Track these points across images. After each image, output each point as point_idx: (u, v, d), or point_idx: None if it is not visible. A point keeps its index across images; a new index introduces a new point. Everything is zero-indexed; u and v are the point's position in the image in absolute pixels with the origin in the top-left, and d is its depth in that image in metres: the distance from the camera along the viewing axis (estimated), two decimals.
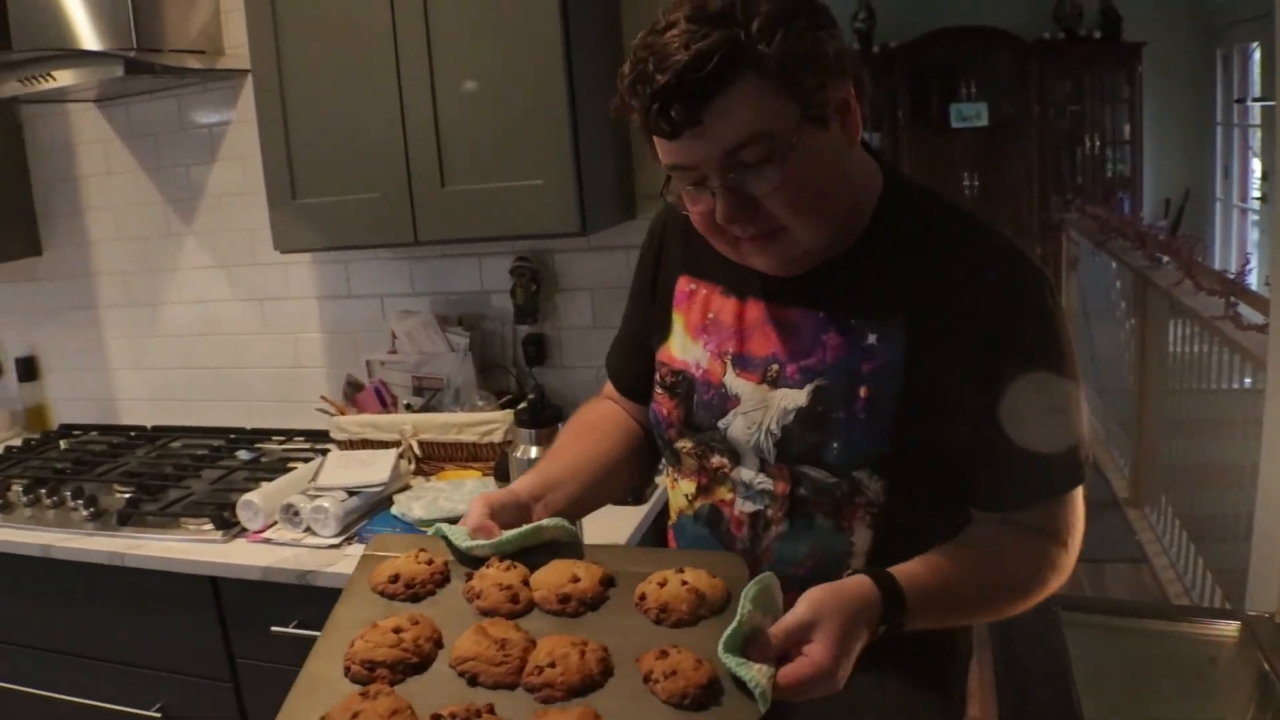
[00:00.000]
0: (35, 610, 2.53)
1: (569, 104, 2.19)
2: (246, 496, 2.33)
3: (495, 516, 1.42)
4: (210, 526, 2.37)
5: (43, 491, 2.66)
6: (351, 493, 2.29)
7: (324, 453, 2.70)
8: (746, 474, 1.46)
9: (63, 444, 3.22)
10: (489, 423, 2.48)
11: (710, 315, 1.50)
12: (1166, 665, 2.43)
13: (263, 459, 2.82)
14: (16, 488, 2.73)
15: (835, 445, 1.37)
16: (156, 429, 3.22)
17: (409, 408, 2.64)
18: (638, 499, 2.30)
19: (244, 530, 2.34)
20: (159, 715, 2.46)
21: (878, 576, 1.27)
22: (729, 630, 1.17)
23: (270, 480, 2.52)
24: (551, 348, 2.71)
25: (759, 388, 1.42)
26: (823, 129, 1.27)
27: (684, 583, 1.28)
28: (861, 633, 1.22)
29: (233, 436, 3.04)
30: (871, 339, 1.36)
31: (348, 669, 1.23)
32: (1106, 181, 8.68)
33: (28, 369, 3.46)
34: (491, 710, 1.15)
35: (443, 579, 1.37)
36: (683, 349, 1.53)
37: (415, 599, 1.34)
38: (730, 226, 1.31)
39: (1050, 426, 1.35)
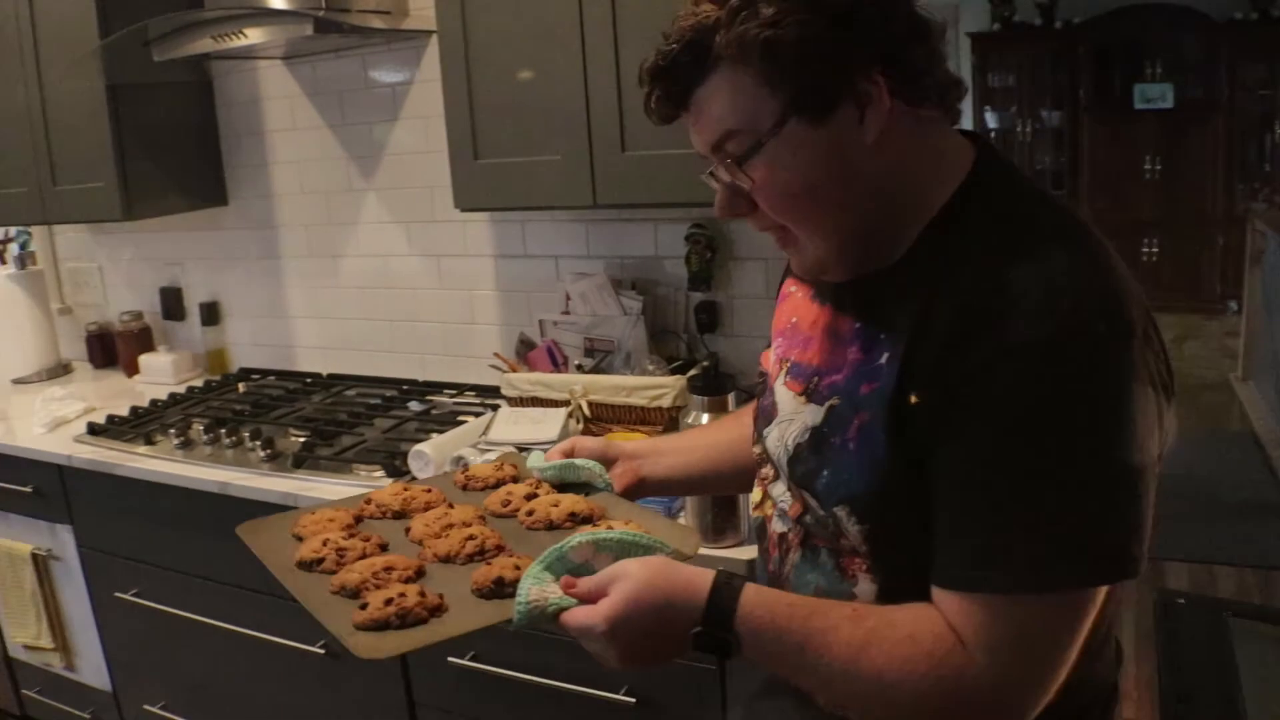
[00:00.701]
0: (211, 544, 2.61)
1: None
2: (418, 446, 2.39)
3: (576, 453, 1.55)
4: (381, 473, 2.44)
5: (222, 431, 2.77)
6: (521, 449, 2.32)
7: (494, 408, 2.74)
8: (777, 490, 1.35)
9: (241, 387, 3.35)
10: (659, 387, 2.49)
11: (793, 320, 1.38)
12: None
13: (433, 411, 2.89)
14: (198, 426, 2.85)
15: (825, 474, 1.22)
16: (331, 376, 3.33)
17: (580, 368, 2.67)
18: None
19: (414, 478, 2.40)
20: (322, 651, 2.54)
21: (725, 582, 1.17)
22: (550, 550, 1.24)
23: (441, 432, 2.57)
24: (723, 315, 2.71)
25: (797, 399, 1.30)
26: (819, 124, 1.12)
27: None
28: (662, 615, 1.15)
29: (405, 388, 3.12)
30: (883, 359, 1.17)
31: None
32: None
33: (210, 314, 3.60)
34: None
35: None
36: (771, 351, 1.43)
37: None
38: (729, 219, 1.25)
39: (1025, 504, 1.05)
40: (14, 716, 3.70)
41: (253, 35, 2.67)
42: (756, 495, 1.44)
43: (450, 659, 2.24)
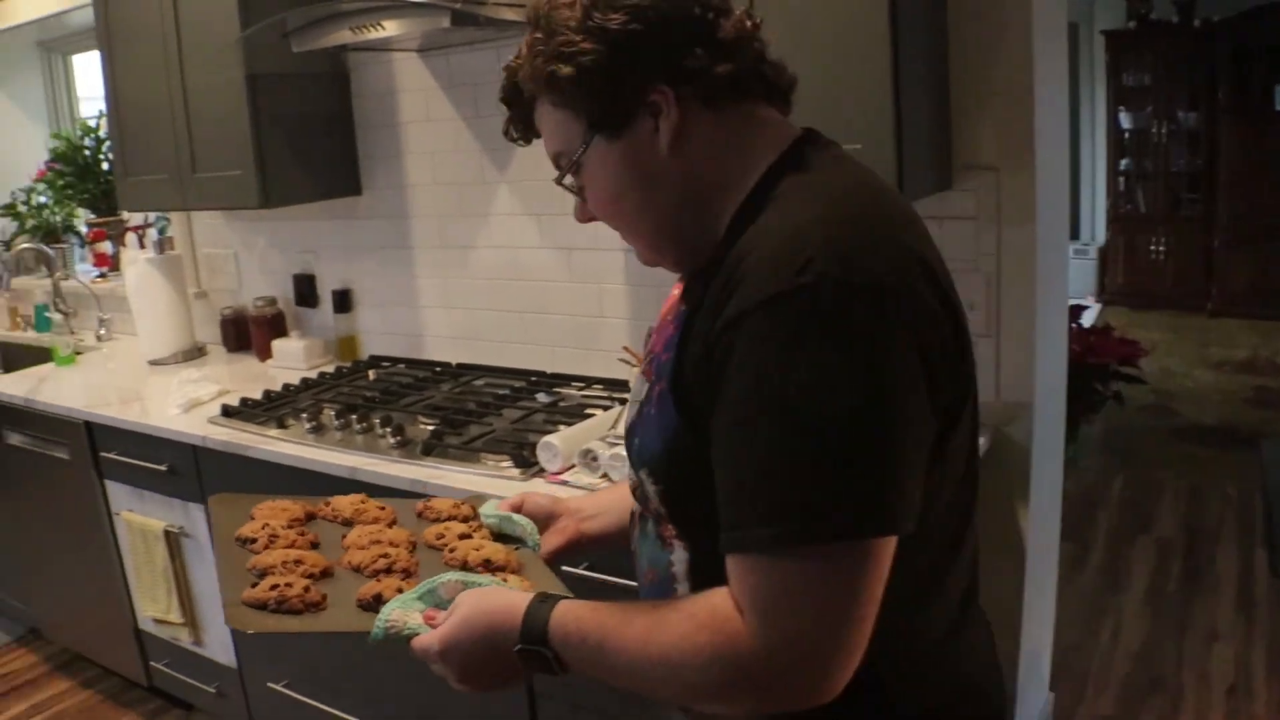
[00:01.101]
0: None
1: (892, 65, 2.12)
2: (547, 438, 2.40)
3: (524, 509, 1.68)
4: (510, 464, 2.45)
5: (353, 417, 2.81)
6: None
7: (621, 402, 2.74)
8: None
9: (371, 374, 3.40)
10: None
11: (665, 316, 1.40)
12: None
13: (561, 403, 2.90)
14: (329, 411, 2.89)
15: (636, 440, 1.31)
16: (460, 366, 3.36)
17: None
18: None
19: (542, 470, 2.41)
20: None
21: (540, 600, 1.25)
22: (424, 582, 1.39)
23: (569, 424, 2.58)
24: None
25: (641, 379, 1.35)
26: (617, 139, 1.23)
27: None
28: (487, 638, 1.25)
29: (533, 379, 3.14)
30: (673, 330, 1.25)
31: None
32: None
33: (342, 301, 3.65)
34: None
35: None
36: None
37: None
38: (584, 223, 1.40)
39: (770, 464, 1.06)
40: (142, 688, 3.81)
41: (390, 27, 2.70)
42: None
43: None
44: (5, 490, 4.08)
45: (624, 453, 2.10)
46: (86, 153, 4.83)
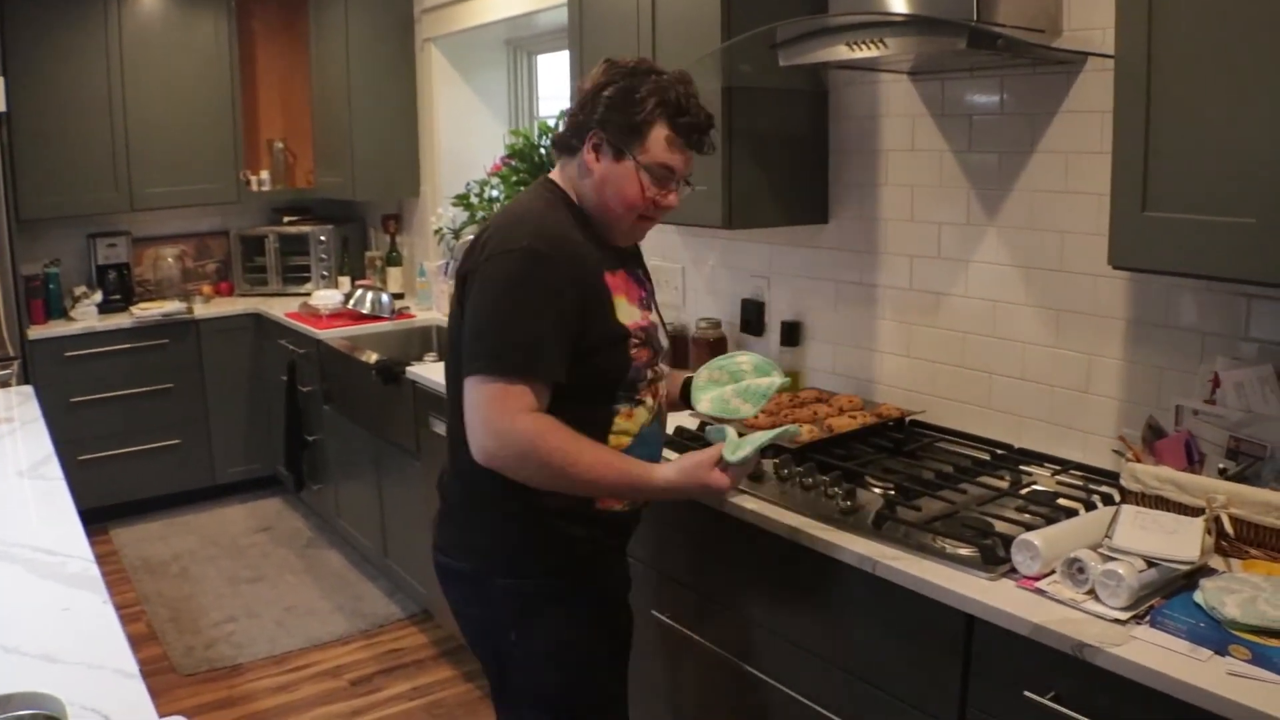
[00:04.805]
0: (756, 581, 2.57)
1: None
2: (1026, 536, 2.05)
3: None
4: (972, 554, 2.13)
5: (799, 469, 2.56)
6: (1151, 563, 1.94)
7: (1104, 498, 2.36)
8: (664, 366, 2.39)
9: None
10: None
11: (624, 289, 2.25)
12: None
13: (1031, 486, 2.53)
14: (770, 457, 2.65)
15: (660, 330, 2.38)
16: (913, 423, 3.02)
17: (1222, 472, 2.24)
18: None
19: (1014, 570, 2.07)
20: None
21: None
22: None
23: (1043, 515, 2.25)
24: None
25: (652, 314, 2.35)
26: None
27: None
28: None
29: (1000, 452, 2.76)
30: (642, 273, 2.43)
31: None
32: None
33: (791, 333, 3.44)
34: None
35: None
36: (631, 315, 2.24)
37: None
38: (667, 210, 2.26)
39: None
40: None
41: (893, 46, 2.44)
42: (652, 400, 2.30)
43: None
44: (424, 475, 4.13)
45: (1122, 571, 1.79)
46: (542, 151, 4.86)
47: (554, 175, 2.31)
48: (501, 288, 2.09)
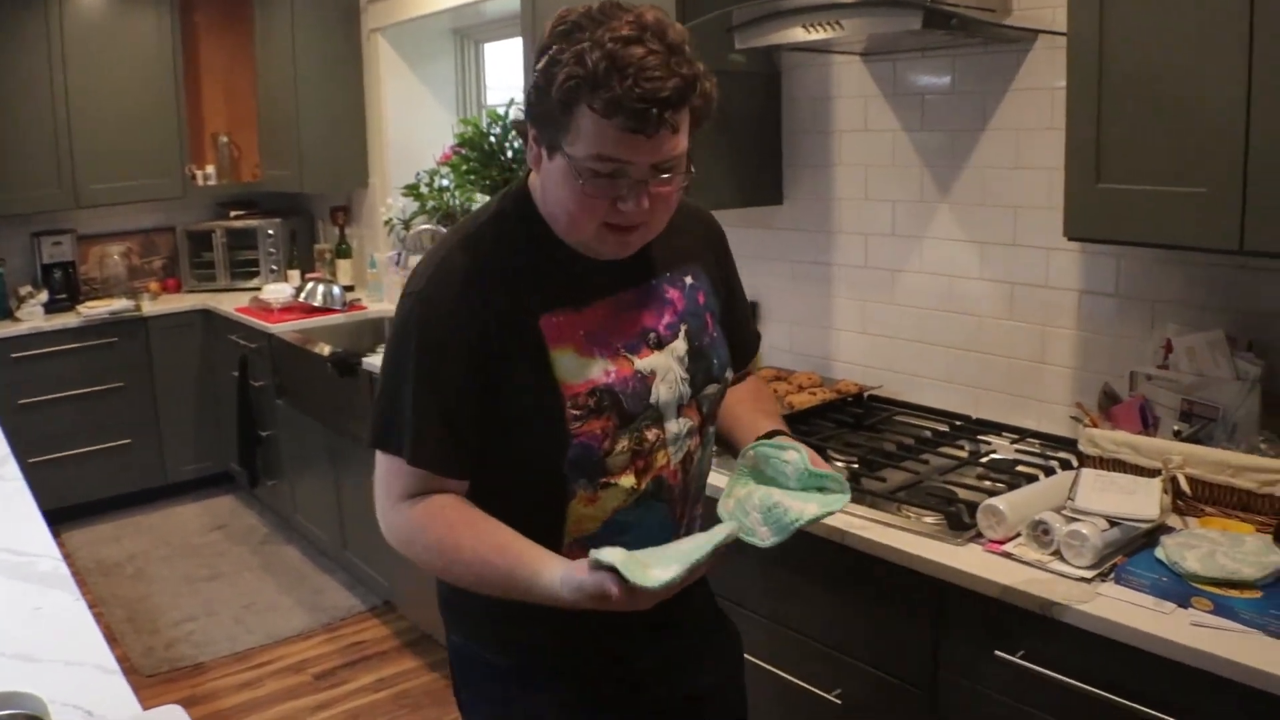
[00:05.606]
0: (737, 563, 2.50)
1: None
2: (992, 501, 2.11)
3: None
4: (938, 521, 2.18)
5: None
6: (1113, 522, 2.00)
7: (1062, 463, 2.43)
8: (674, 427, 1.73)
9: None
10: (1273, 471, 2.09)
11: (582, 332, 1.66)
12: None
13: (990, 455, 2.59)
14: None
15: (715, 361, 1.80)
16: (871, 399, 3.09)
17: (1176, 434, 2.30)
18: None
19: (980, 535, 2.13)
20: (837, 701, 2.33)
21: None
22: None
23: (1004, 481, 2.31)
24: None
25: (657, 354, 1.72)
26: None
27: None
28: None
29: (957, 424, 2.83)
30: (689, 279, 1.81)
31: None
32: None
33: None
34: None
35: None
36: (580, 371, 1.64)
37: None
38: (637, 216, 1.57)
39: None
40: None
41: (849, 27, 2.49)
42: (629, 481, 1.68)
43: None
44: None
45: (1086, 530, 1.85)
46: (492, 139, 4.87)
47: (529, 180, 1.73)
48: (389, 343, 1.70)
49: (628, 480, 1.68)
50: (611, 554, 1.42)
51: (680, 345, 1.74)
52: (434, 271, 1.64)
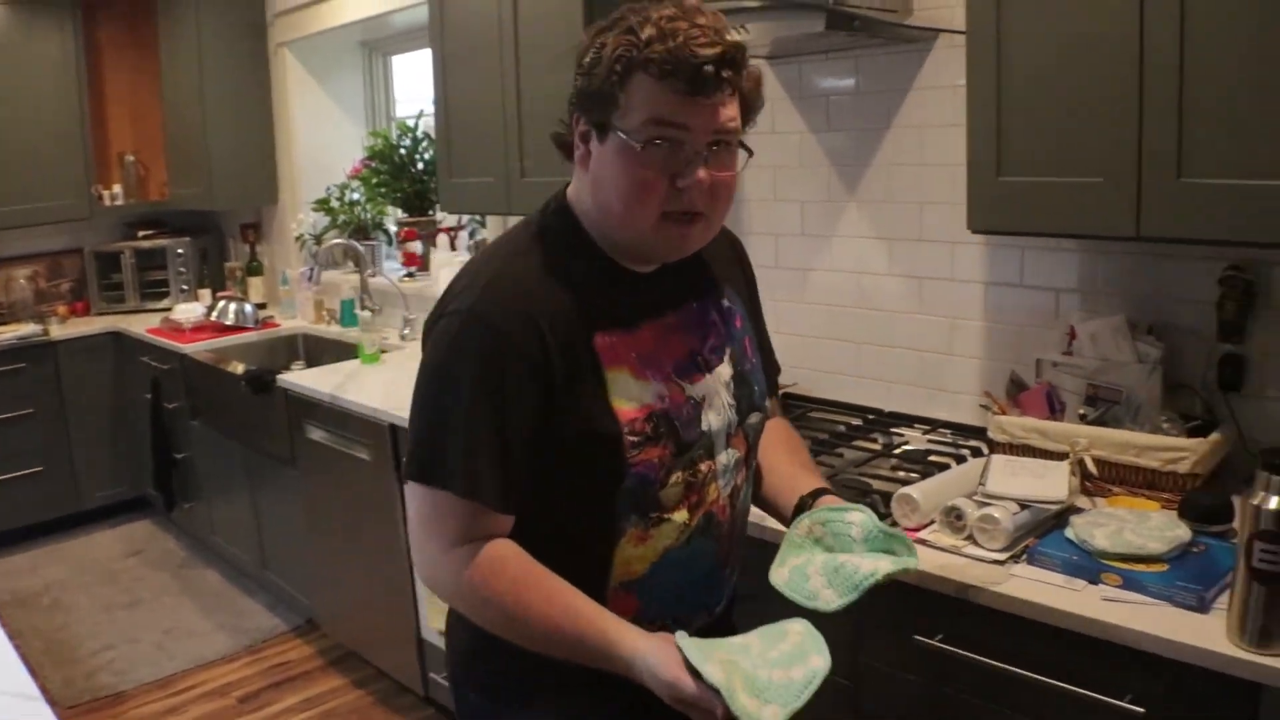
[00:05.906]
0: None
1: None
2: (906, 490, 2.16)
3: None
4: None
5: None
6: (1023, 505, 2.05)
7: (973, 451, 2.48)
8: (723, 458, 1.66)
9: None
10: (1176, 450, 2.16)
11: (635, 354, 1.58)
12: None
13: (904, 446, 2.64)
14: None
15: (756, 388, 1.75)
16: (786, 396, 3.12)
17: (1083, 417, 2.36)
18: None
19: (895, 524, 2.16)
20: None
21: None
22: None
23: (917, 471, 2.35)
24: (1250, 373, 2.33)
25: (705, 380, 1.64)
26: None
27: None
28: None
29: (871, 417, 2.89)
30: (725, 303, 1.75)
31: None
32: None
33: None
34: None
35: None
36: (638, 395, 1.57)
37: None
38: (698, 199, 1.49)
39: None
40: (418, 696, 3.77)
41: (754, 30, 2.52)
42: (683, 517, 1.61)
43: None
44: (301, 483, 4.12)
45: (997, 514, 1.90)
46: (402, 152, 4.87)
47: (569, 192, 1.68)
48: (433, 365, 1.56)
49: (681, 515, 1.61)
50: (714, 674, 1.36)
51: (725, 370, 1.68)
52: (484, 287, 1.53)
